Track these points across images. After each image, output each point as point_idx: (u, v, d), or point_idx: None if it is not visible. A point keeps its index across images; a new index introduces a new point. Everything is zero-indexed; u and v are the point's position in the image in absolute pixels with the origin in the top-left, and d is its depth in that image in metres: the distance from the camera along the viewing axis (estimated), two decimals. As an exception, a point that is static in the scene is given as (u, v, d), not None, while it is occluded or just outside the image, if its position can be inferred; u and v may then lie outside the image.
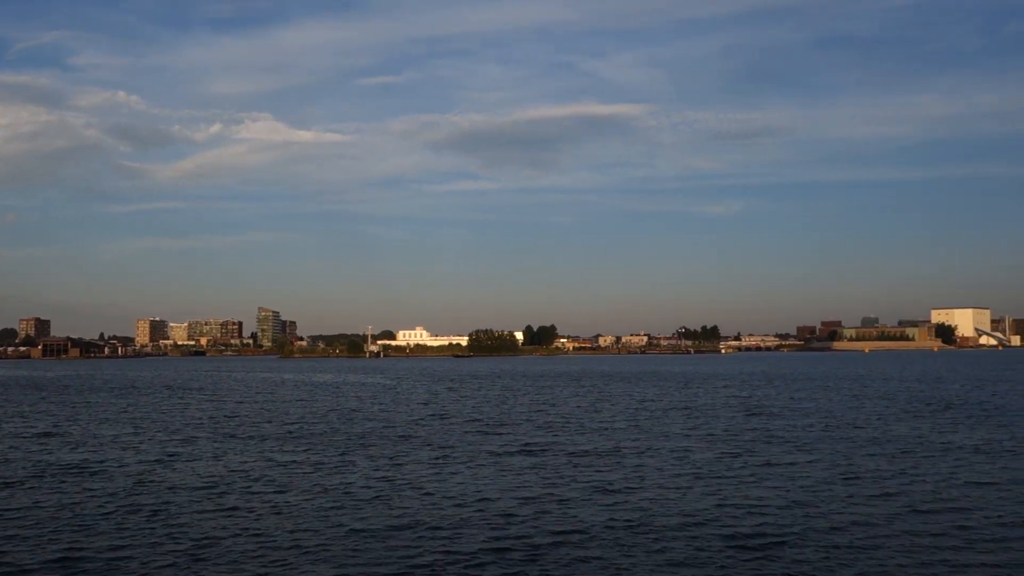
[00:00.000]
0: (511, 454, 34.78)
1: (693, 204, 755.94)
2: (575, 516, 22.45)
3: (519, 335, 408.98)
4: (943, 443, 36.84)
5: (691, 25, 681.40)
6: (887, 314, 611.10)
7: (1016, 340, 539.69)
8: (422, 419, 52.09)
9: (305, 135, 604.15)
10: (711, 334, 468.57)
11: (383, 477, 29.17)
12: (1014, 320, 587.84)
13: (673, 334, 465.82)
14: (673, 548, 19.06)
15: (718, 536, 20.07)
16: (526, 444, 38.04)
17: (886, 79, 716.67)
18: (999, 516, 21.85)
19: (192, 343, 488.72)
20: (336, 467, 31.74)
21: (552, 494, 25.49)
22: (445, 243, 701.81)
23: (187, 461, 33.77)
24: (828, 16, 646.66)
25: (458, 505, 24.12)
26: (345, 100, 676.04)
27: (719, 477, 28.35)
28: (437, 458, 33.75)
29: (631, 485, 26.94)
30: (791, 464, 31.12)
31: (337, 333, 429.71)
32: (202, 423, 50.99)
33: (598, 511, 23.05)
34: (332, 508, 23.91)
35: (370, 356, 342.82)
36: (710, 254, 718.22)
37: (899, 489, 25.74)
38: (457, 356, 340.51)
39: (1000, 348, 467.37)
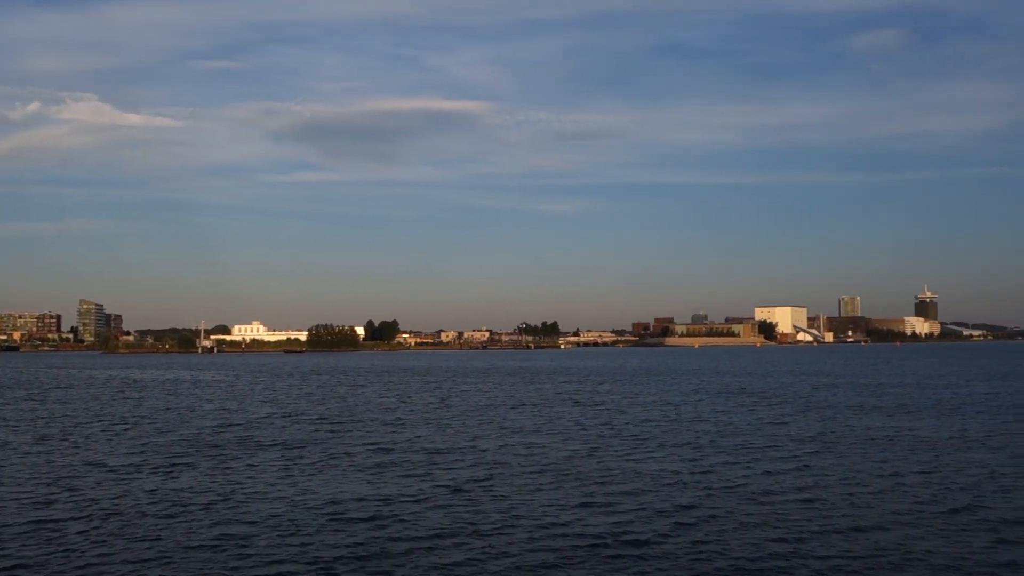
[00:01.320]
0: (362, 453, 33.34)
1: (535, 202, 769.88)
2: (432, 517, 21.44)
3: (360, 330, 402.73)
4: (786, 435, 38.20)
5: (535, 26, 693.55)
6: (716, 311, 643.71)
7: (829, 337, 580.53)
8: (266, 418, 49.57)
9: (133, 118, 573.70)
10: (551, 330, 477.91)
11: (226, 482, 27.09)
12: (827, 318, 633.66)
13: (514, 330, 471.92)
14: (531, 548, 18.39)
15: (576, 535, 19.56)
16: (377, 442, 36.68)
17: (716, 88, 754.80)
18: (850, 506, 22.46)
19: (3, 337, 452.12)
20: (170, 472, 29.31)
21: (407, 494, 24.35)
22: (284, 235, 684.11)
23: (-3, 468, 30.34)
24: (664, 25, 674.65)
25: (309, 509, 22.58)
26: (178, 83, 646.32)
27: (572, 475, 28.02)
28: (284, 459, 31.86)
29: (487, 483, 26.18)
30: (648, 459, 31.28)
31: (167, 328, 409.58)
32: (17, 425, 46.44)
33: (456, 511, 22.13)
34: (165, 517, 21.81)
35: (203, 352, 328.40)
36: (551, 251, 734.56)
37: (749, 480, 26.19)
38: (289, 351, 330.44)
39: (815, 344, 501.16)
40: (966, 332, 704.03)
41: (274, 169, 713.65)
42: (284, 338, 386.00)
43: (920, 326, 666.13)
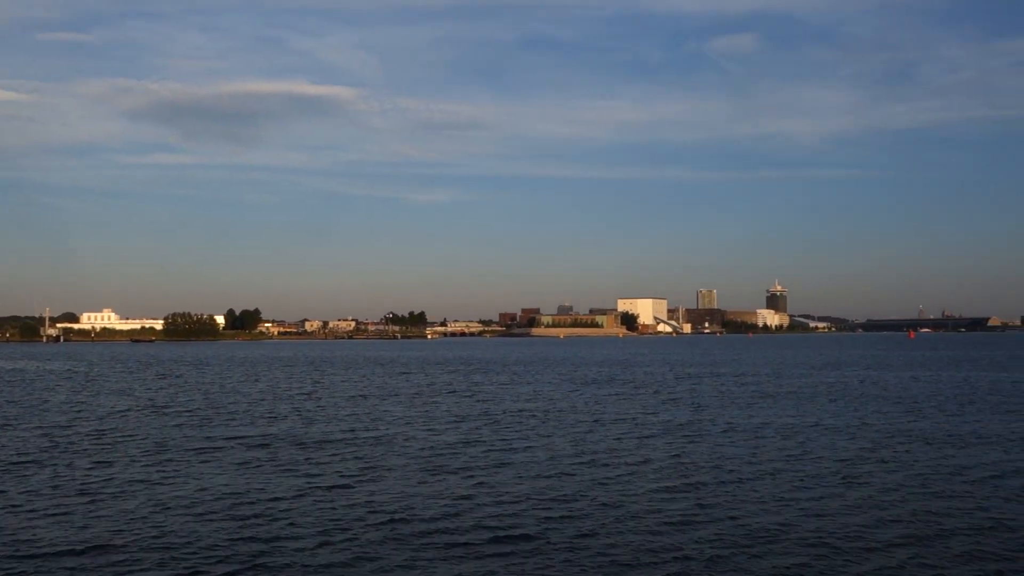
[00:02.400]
0: (230, 448, 31.73)
1: (402, 191, 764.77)
2: (306, 513, 20.47)
3: (220, 319, 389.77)
4: (659, 422, 38.91)
5: (405, 12, 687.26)
6: (580, 302, 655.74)
7: (687, 328, 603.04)
8: (121, 412, 46.72)
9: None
10: (418, 320, 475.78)
11: (80, 482, 25.12)
12: (686, 310, 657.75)
13: (381, 319, 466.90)
14: (408, 544, 17.78)
15: (455, 529, 19.06)
16: (245, 436, 35.04)
17: (583, 83, 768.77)
18: (725, 493, 22.86)
19: None
20: (14, 472, 27.00)
21: (278, 491, 23.21)
22: (139, 219, 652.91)
23: None
24: (534, 18, 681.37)
25: (172, 508, 21.15)
26: (21, 55, 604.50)
27: (452, 466, 27.52)
28: (144, 455, 29.92)
29: (364, 478, 25.32)
30: (527, 448, 31.11)
31: (8, 315, 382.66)
32: None
33: (329, 507, 21.22)
34: (16, 528, 19.97)
35: (48, 340, 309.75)
36: (418, 241, 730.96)
37: (634, 469, 26.38)
38: (139, 340, 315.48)
39: (674, 335, 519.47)
40: (812, 324, 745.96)
41: (129, 150, 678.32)
42: (138, 327, 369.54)
43: (771, 318, 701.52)
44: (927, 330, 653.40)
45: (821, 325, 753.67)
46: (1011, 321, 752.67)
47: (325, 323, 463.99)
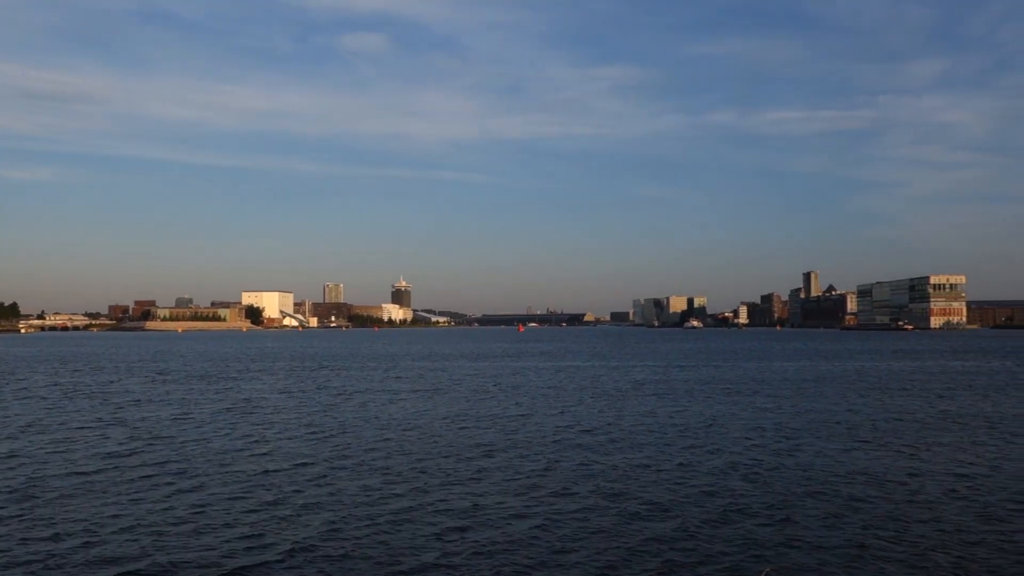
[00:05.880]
0: None
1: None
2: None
3: None
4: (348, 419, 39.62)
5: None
6: (202, 295, 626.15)
7: (314, 322, 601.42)
8: None
9: None
10: (9, 311, 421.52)
11: None
12: (313, 304, 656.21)
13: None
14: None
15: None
16: None
17: (208, 65, 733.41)
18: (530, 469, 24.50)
19: None
20: None
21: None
22: None
23: None
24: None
25: None
26: None
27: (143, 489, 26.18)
28: None
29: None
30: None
31: None
32: None
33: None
34: None
35: None
36: (14, 223, 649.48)
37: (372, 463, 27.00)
38: None
39: (300, 329, 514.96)
40: (434, 319, 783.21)
41: None
42: None
43: (396, 313, 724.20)
44: (535, 324, 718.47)
45: (442, 319, 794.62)
46: (602, 317, 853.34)
47: None
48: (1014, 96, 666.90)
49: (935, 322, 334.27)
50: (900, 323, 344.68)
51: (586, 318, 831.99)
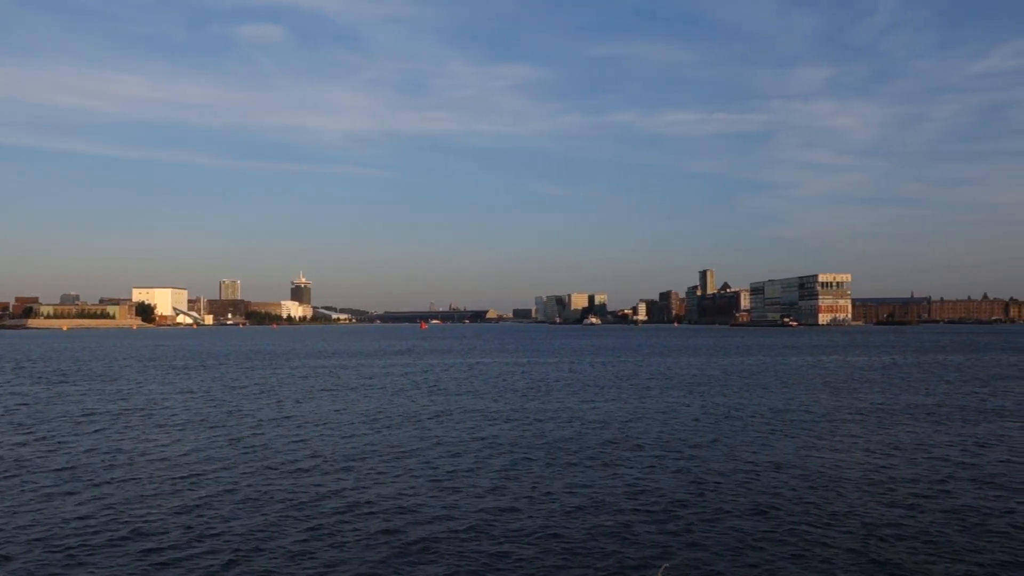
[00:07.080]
0: None
1: None
2: None
3: None
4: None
5: None
6: (89, 292, 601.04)
7: (209, 319, 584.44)
8: None
9: None
10: None
11: None
12: (208, 300, 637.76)
13: None
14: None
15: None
16: None
17: (96, 52, 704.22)
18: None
19: None
20: None
21: None
22: None
23: None
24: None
25: None
26: None
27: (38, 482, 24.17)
28: None
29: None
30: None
31: None
32: None
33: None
34: None
35: None
36: None
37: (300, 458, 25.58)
38: None
39: (195, 326, 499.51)
40: (335, 316, 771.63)
41: None
42: None
43: (296, 310, 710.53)
44: (437, 322, 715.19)
45: (343, 317, 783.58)
46: (505, 314, 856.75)
47: None
48: (896, 103, 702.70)
49: (823, 319, 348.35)
50: (786, 320, 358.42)
51: (489, 315, 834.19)
